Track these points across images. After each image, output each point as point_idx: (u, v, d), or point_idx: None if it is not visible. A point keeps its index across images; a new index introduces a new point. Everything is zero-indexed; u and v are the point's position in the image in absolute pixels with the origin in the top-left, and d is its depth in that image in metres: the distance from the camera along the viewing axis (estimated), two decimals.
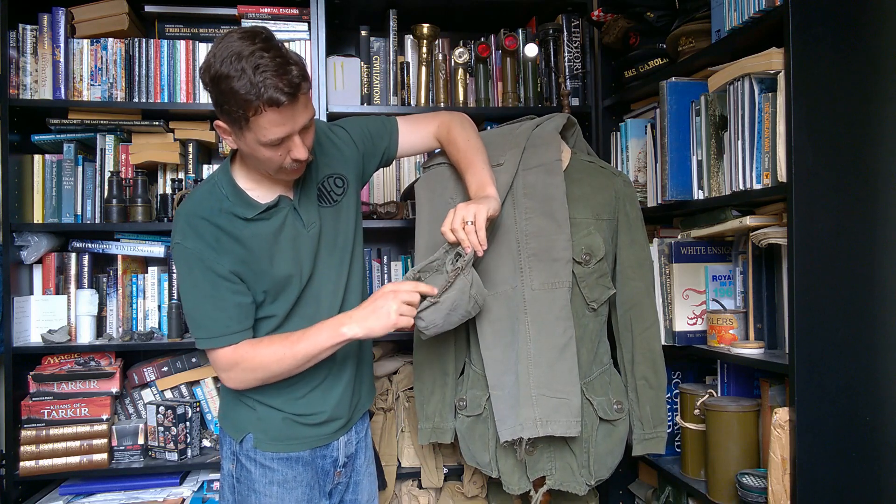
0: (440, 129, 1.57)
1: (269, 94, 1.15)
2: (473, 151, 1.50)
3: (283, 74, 1.16)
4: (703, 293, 1.79)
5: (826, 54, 1.38)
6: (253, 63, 1.14)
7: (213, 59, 1.18)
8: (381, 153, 1.56)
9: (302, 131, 1.24)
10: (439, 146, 1.59)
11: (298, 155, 1.25)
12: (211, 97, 1.21)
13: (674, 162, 1.78)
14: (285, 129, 1.20)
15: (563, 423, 1.47)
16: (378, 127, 1.55)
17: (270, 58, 1.16)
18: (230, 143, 1.27)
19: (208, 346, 1.32)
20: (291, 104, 1.18)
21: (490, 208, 1.36)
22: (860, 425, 1.40)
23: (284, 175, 1.31)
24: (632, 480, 2.17)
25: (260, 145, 1.21)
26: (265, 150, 1.22)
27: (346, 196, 1.46)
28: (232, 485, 1.42)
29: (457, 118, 1.57)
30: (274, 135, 1.20)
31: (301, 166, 1.30)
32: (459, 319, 1.40)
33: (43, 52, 2.09)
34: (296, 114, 1.21)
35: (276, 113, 1.17)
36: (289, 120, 1.20)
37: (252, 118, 1.17)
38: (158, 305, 2.19)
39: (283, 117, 1.19)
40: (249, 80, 1.14)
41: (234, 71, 1.14)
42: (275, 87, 1.15)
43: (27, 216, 2.10)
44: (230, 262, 1.30)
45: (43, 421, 2.02)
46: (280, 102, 1.16)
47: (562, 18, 2.30)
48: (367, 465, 1.57)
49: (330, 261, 1.42)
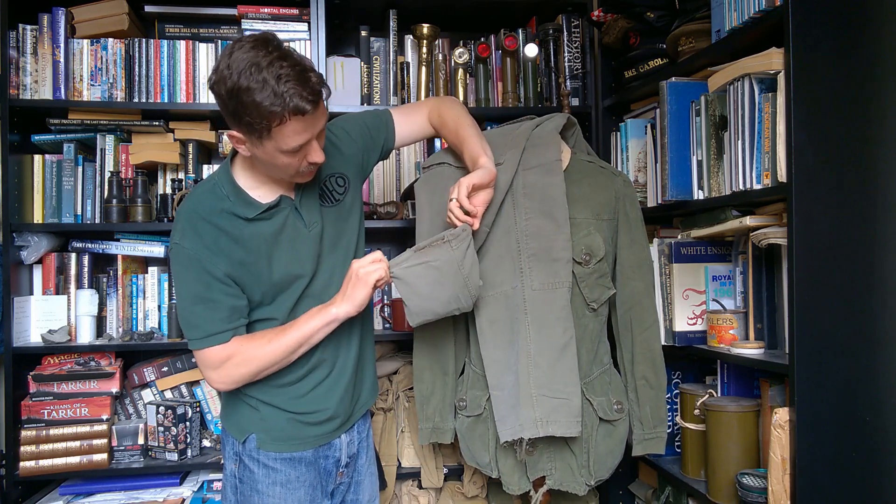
0: (431, 114, 1.58)
1: (294, 104, 1.14)
2: (463, 128, 1.50)
3: (306, 83, 1.16)
4: (703, 293, 1.79)
5: (826, 54, 1.38)
6: (274, 73, 1.14)
7: (227, 71, 1.15)
8: (381, 146, 1.56)
9: (318, 135, 1.25)
10: (434, 131, 1.60)
11: (316, 158, 1.25)
12: (225, 108, 1.20)
13: (674, 162, 1.78)
14: (307, 135, 1.21)
15: (564, 423, 1.47)
16: (375, 120, 1.55)
17: (290, 66, 1.15)
18: (243, 151, 1.26)
19: (199, 347, 1.32)
20: (314, 111, 1.18)
21: (475, 176, 1.38)
22: (860, 425, 1.40)
23: (300, 178, 1.31)
24: (632, 480, 2.17)
25: (280, 153, 1.21)
26: (284, 158, 1.22)
27: (348, 194, 1.47)
28: (234, 485, 1.42)
29: (446, 101, 1.58)
30: (296, 142, 1.20)
31: (315, 169, 1.31)
32: (448, 301, 1.40)
33: (43, 52, 2.09)
34: (316, 120, 1.21)
35: (299, 122, 1.17)
36: (310, 127, 1.20)
37: (275, 128, 1.17)
38: (158, 305, 2.19)
39: (305, 125, 1.19)
40: (273, 91, 1.13)
41: (255, 83, 1.13)
42: (300, 96, 1.15)
43: (27, 216, 2.11)
44: (226, 265, 1.30)
45: (43, 421, 2.02)
46: (305, 111, 1.16)
47: (562, 18, 2.30)
48: (368, 465, 1.57)
49: (333, 260, 1.42)
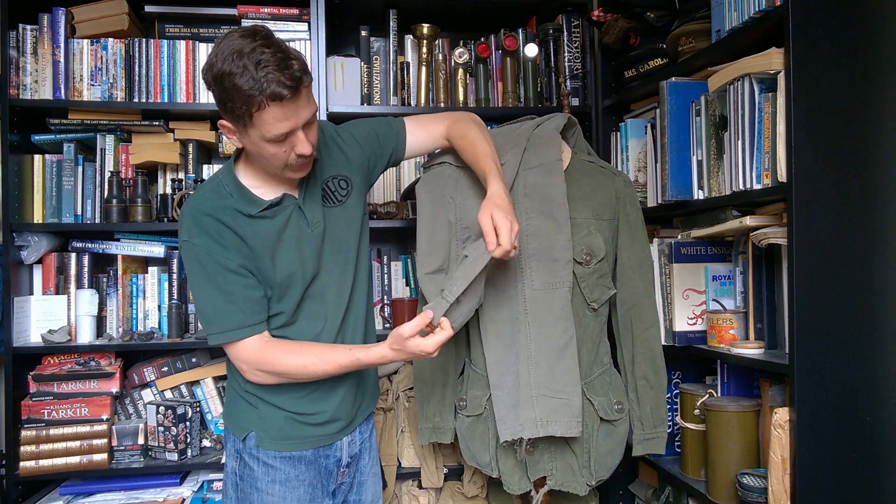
0: (451, 129, 1.56)
1: (271, 89, 1.16)
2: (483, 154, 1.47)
3: (285, 69, 1.18)
4: (703, 293, 1.79)
5: (826, 54, 1.38)
6: (254, 59, 1.16)
7: (214, 59, 1.19)
8: (389, 155, 1.56)
9: (305, 126, 1.26)
10: (447, 144, 1.59)
11: (303, 150, 1.26)
12: (214, 96, 1.23)
13: (674, 162, 1.78)
14: (289, 123, 1.22)
15: (564, 423, 1.47)
16: (385, 129, 1.55)
17: (271, 53, 1.18)
18: (234, 142, 1.29)
19: (223, 341, 1.33)
20: (294, 98, 1.20)
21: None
22: (860, 425, 1.40)
23: (291, 173, 1.31)
24: (632, 480, 2.17)
25: (265, 142, 1.23)
26: (270, 147, 1.24)
27: (351, 197, 1.47)
28: (235, 482, 1.42)
29: (467, 117, 1.57)
30: (278, 130, 1.21)
31: (307, 163, 1.32)
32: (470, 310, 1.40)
33: (43, 52, 2.09)
34: (298, 108, 1.22)
35: (279, 107, 1.19)
36: (292, 115, 1.21)
37: (256, 114, 1.19)
38: (158, 305, 2.19)
39: (286, 112, 1.20)
40: (252, 76, 1.16)
41: (237, 68, 1.16)
42: (277, 81, 1.17)
43: (27, 216, 2.10)
44: (237, 257, 1.32)
45: (43, 421, 2.02)
46: (282, 97, 1.18)
47: (562, 18, 2.30)
48: (371, 466, 1.57)
49: (335, 259, 1.42)
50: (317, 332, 1.40)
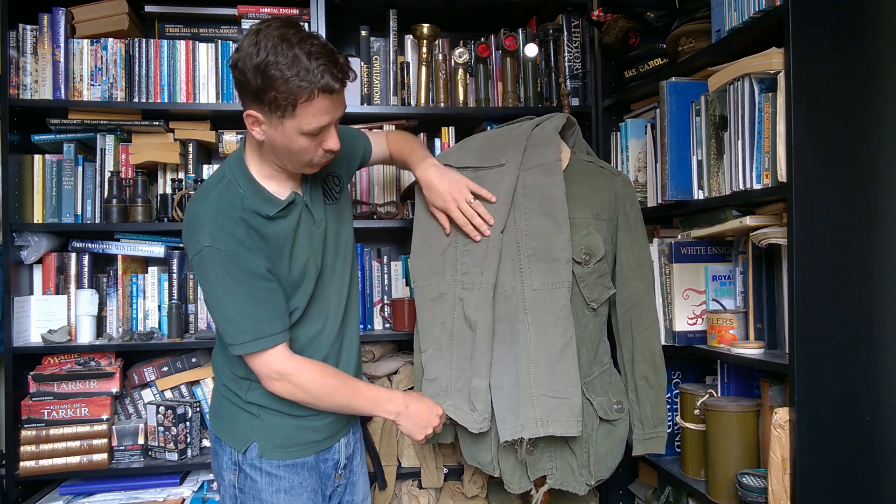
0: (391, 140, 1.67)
1: (324, 81, 1.15)
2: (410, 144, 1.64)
3: (336, 62, 1.17)
4: (703, 293, 1.79)
5: (826, 54, 1.38)
6: (305, 50, 1.14)
7: (253, 48, 1.15)
8: (360, 155, 1.60)
9: (336, 122, 1.26)
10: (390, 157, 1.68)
11: (332, 145, 1.25)
12: (247, 86, 1.18)
13: (674, 162, 1.78)
14: (330, 116, 1.21)
15: (564, 423, 1.47)
16: (353, 133, 1.60)
17: (321, 45, 1.16)
18: (257, 134, 1.24)
19: (255, 349, 1.27)
20: (340, 91, 1.20)
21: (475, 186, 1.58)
22: (860, 425, 1.40)
23: (310, 168, 1.31)
24: (632, 480, 2.17)
25: (300, 134, 1.21)
26: (303, 140, 1.22)
27: (343, 194, 1.49)
28: (234, 495, 1.39)
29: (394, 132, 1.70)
30: (319, 122, 1.20)
31: (328, 160, 1.31)
32: None
33: (43, 52, 2.09)
34: (340, 102, 1.23)
35: (326, 99, 1.18)
36: (336, 107, 1.21)
37: (301, 104, 1.17)
38: (158, 305, 2.19)
39: (331, 104, 1.20)
40: (304, 67, 1.14)
41: (286, 58, 1.14)
42: (330, 73, 1.16)
43: (27, 216, 2.10)
44: (263, 260, 1.27)
45: (43, 421, 2.02)
46: (334, 89, 1.17)
47: (562, 18, 2.30)
48: (361, 465, 1.59)
49: (335, 258, 1.43)
50: (318, 330, 1.40)
